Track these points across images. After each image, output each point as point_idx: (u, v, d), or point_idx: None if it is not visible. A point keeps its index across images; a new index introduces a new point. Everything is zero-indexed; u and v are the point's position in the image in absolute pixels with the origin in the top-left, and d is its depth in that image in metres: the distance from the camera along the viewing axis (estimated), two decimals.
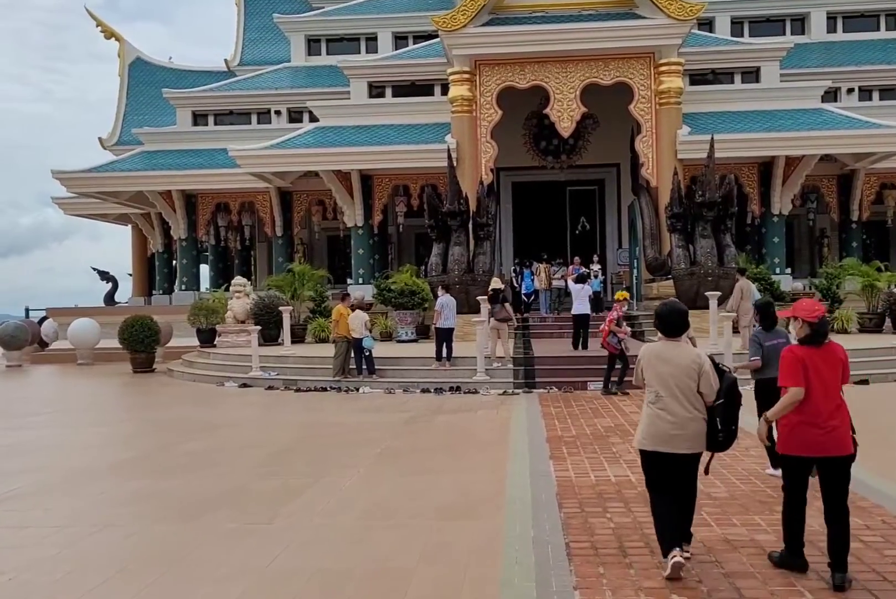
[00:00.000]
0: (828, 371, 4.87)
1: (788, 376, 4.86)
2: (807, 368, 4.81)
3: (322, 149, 25.85)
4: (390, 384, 15.66)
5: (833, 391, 4.89)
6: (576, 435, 10.00)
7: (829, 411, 4.85)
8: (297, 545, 5.87)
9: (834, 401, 4.88)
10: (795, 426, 4.86)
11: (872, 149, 24.55)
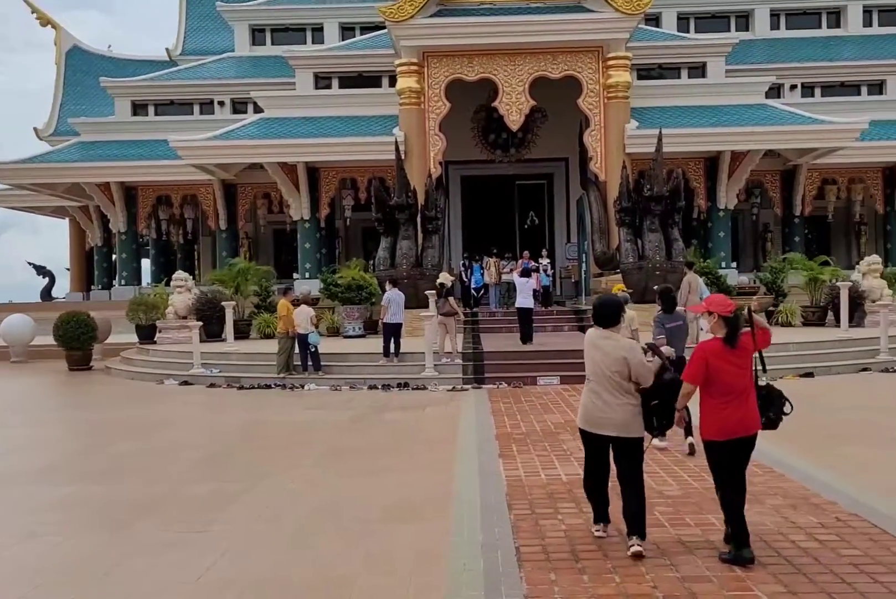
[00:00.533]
0: (738, 361, 5.17)
1: (688, 372, 5.24)
2: (710, 364, 5.13)
3: (267, 140, 25.30)
4: (336, 381, 15.30)
5: (743, 379, 5.20)
6: (525, 432, 9.79)
7: (744, 396, 5.18)
8: (233, 554, 5.54)
9: (745, 387, 5.20)
10: (717, 415, 5.17)
11: (815, 144, 24.82)
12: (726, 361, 5.15)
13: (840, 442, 8.79)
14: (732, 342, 5.16)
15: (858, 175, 28.80)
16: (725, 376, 5.13)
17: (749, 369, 5.26)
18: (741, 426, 5.19)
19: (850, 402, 12.13)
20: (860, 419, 10.40)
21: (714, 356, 5.15)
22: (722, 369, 5.13)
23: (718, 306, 5.28)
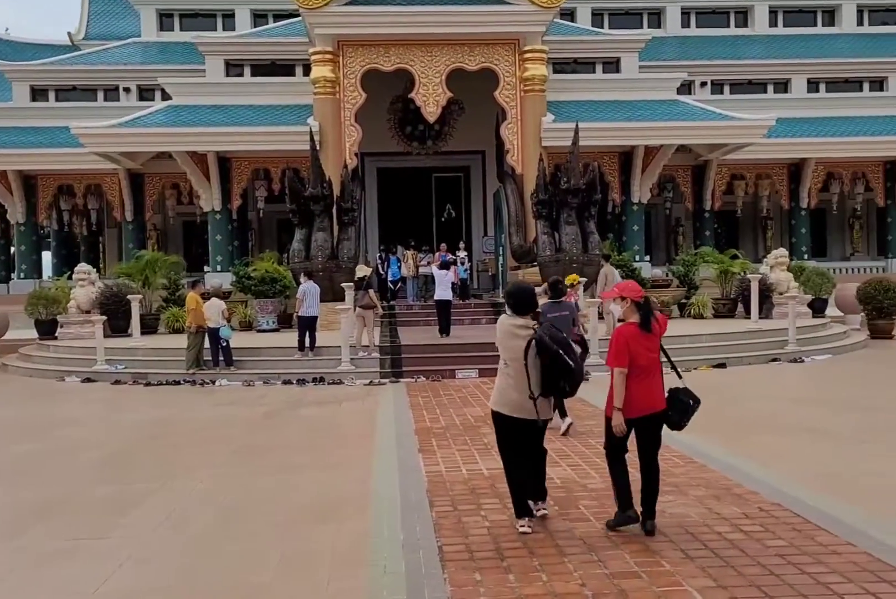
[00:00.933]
0: (649, 344, 5.45)
1: (614, 357, 5.43)
2: (631, 347, 5.37)
3: (175, 128, 24.41)
4: (249, 376, 14.81)
5: (654, 361, 5.48)
6: (445, 426, 9.58)
7: (653, 374, 5.45)
8: (135, 562, 5.16)
9: (654, 365, 5.47)
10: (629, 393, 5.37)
11: (725, 140, 25.35)
12: (640, 344, 5.40)
13: (756, 432, 8.85)
14: (647, 326, 5.42)
15: (765, 171, 29.56)
16: (640, 358, 5.37)
17: (657, 352, 5.51)
18: (648, 405, 5.42)
19: (763, 392, 12.32)
20: (773, 408, 10.54)
21: (632, 340, 5.39)
22: (637, 352, 5.37)
23: (631, 292, 5.53)
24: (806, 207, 29.49)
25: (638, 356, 5.36)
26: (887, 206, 29.85)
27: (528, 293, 5.67)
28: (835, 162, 29.24)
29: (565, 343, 5.49)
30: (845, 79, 31.16)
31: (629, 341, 5.39)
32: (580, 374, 5.55)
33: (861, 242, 31.91)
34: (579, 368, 5.54)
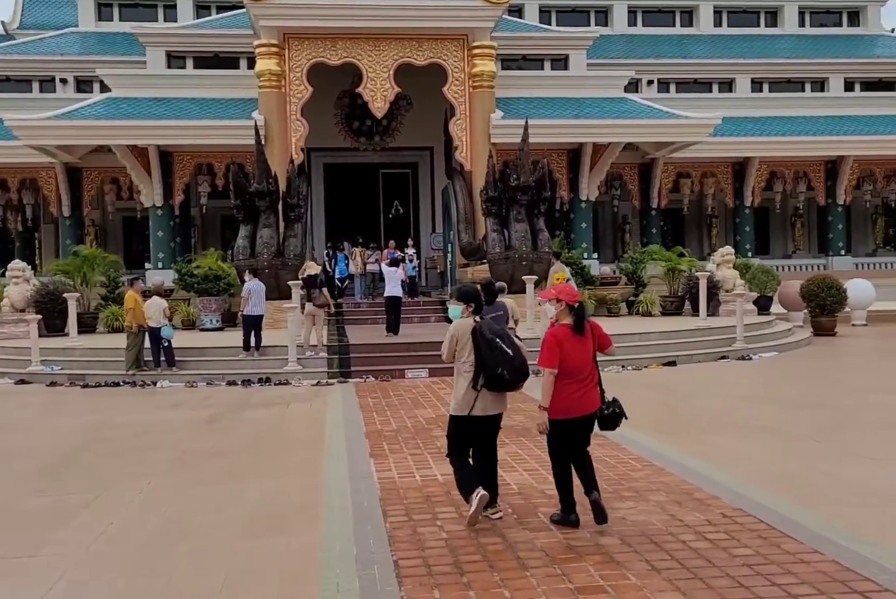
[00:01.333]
0: (582, 347, 5.57)
1: (546, 358, 5.49)
2: (564, 349, 5.48)
3: (115, 121, 23.65)
4: (192, 377, 14.35)
5: (587, 363, 5.59)
6: (396, 429, 9.33)
7: (587, 379, 5.56)
8: (67, 583, 4.81)
9: (588, 369, 5.59)
10: (561, 395, 5.49)
11: (673, 138, 25.48)
12: (573, 347, 5.52)
13: (710, 432, 8.77)
14: (580, 330, 5.55)
15: (711, 170, 29.84)
16: (572, 361, 5.49)
17: (589, 354, 5.61)
18: (581, 406, 5.53)
19: (713, 390, 12.31)
20: (724, 407, 10.50)
21: (564, 341, 5.51)
22: (569, 354, 5.49)
23: (567, 295, 5.66)
24: (750, 206, 29.85)
25: (570, 359, 5.47)
26: (828, 205, 30.35)
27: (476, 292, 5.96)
28: (778, 161, 29.66)
29: (503, 334, 5.63)
30: (788, 79, 31.63)
31: (561, 342, 5.48)
32: (523, 366, 5.60)
33: (803, 240, 32.42)
34: (521, 359, 5.59)
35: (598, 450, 7.77)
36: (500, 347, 5.51)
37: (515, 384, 5.66)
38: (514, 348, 5.62)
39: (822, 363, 15.70)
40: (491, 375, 5.50)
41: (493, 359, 5.50)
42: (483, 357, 5.54)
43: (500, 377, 5.52)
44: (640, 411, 10.07)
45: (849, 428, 8.81)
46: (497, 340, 5.56)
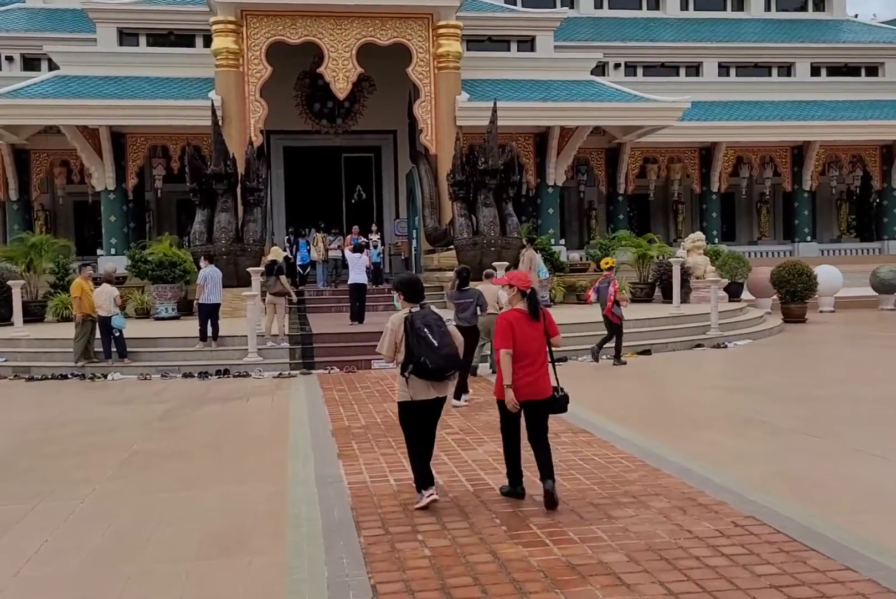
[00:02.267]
0: (534, 333, 5.76)
1: (500, 340, 5.74)
2: (515, 332, 5.69)
3: (63, 100, 22.55)
4: (146, 369, 13.56)
5: (538, 348, 5.77)
6: (366, 425, 8.70)
7: (537, 364, 5.74)
8: None
9: (540, 356, 5.76)
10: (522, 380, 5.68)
11: (641, 122, 25.04)
12: (525, 332, 5.72)
13: (700, 427, 8.27)
14: (535, 315, 5.78)
15: (677, 155, 29.54)
16: (525, 345, 5.69)
17: (541, 341, 5.79)
18: (532, 391, 5.70)
19: (694, 381, 11.86)
20: (710, 399, 10.03)
21: (516, 325, 5.72)
22: (522, 338, 5.69)
23: (519, 281, 5.92)
24: (717, 192, 29.61)
25: (522, 342, 5.67)
26: (794, 190, 30.21)
27: (418, 282, 6.05)
28: (745, 146, 29.43)
29: (433, 324, 5.70)
30: (755, 64, 31.40)
31: (514, 325, 5.72)
32: (450, 356, 5.66)
33: (768, 226, 32.29)
34: (448, 349, 5.66)
35: (587, 448, 7.24)
36: (426, 336, 5.61)
37: (442, 372, 5.68)
38: (443, 338, 5.68)
39: (798, 352, 15.36)
40: (416, 363, 5.61)
41: (418, 348, 5.61)
42: (410, 347, 5.66)
43: (423, 366, 5.59)
44: (624, 404, 9.59)
45: (840, 422, 8.36)
46: (424, 329, 5.64)
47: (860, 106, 29.86)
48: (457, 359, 5.77)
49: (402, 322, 5.71)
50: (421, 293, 5.92)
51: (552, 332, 5.86)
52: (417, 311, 5.77)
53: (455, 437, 7.92)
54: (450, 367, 5.69)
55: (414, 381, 5.66)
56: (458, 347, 5.79)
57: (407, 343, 5.65)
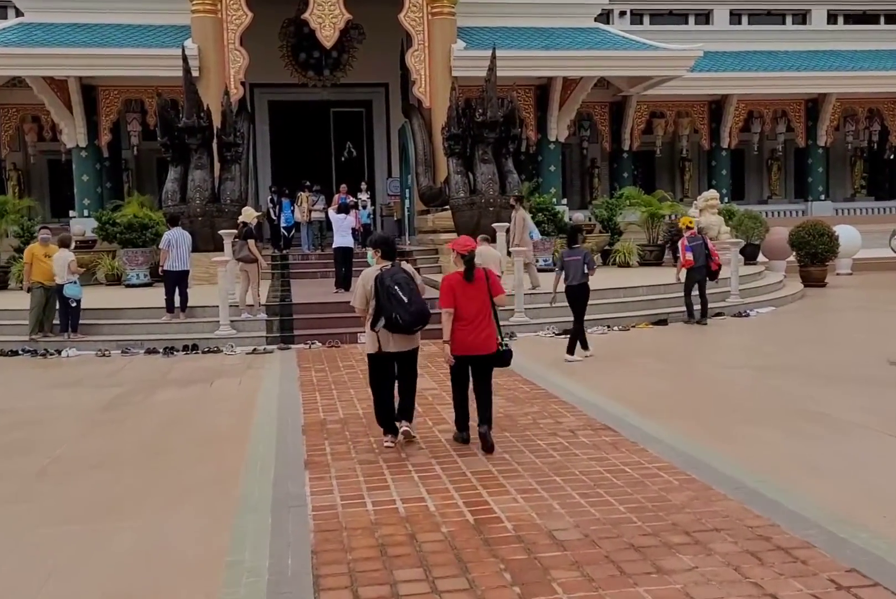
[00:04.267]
0: (475, 293, 6.16)
1: (441, 300, 6.20)
2: (456, 293, 6.15)
3: (27, 49, 20.74)
4: (106, 344, 12.14)
5: (480, 307, 6.16)
6: (344, 418, 7.31)
7: (478, 321, 6.14)
8: None
9: (481, 314, 6.16)
10: (457, 335, 6.13)
11: (650, 72, 23.30)
12: (464, 293, 6.14)
13: (745, 421, 6.88)
14: (469, 277, 6.15)
15: (686, 109, 27.86)
16: (463, 305, 6.11)
17: (482, 301, 6.17)
18: (472, 347, 6.13)
19: (721, 357, 10.48)
20: (745, 382, 8.65)
21: (456, 286, 6.16)
22: (460, 300, 6.12)
23: (458, 246, 6.29)
24: (727, 148, 27.96)
25: (460, 303, 6.10)
26: (808, 146, 28.59)
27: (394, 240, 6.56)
28: (757, 100, 27.74)
29: (402, 281, 6.02)
30: (768, 11, 29.53)
31: (453, 287, 6.17)
32: (419, 312, 5.98)
33: (779, 184, 30.68)
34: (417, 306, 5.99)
35: (612, 453, 5.87)
36: (396, 293, 5.92)
37: (411, 327, 6.05)
38: (412, 295, 6.00)
39: (829, 320, 13.99)
40: (387, 317, 5.96)
41: (389, 304, 5.92)
42: (381, 303, 6.00)
43: (394, 321, 5.94)
44: (646, 389, 8.19)
45: None
46: (395, 287, 5.96)
47: (879, 56, 28.09)
48: (425, 315, 6.08)
49: (374, 279, 6.03)
50: (395, 251, 6.36)
51: (495, 292, 6.24)
52: (388, 268, 6.08)
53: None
54: (418, 322, 6.03)
55: (384, 334, 6.06)
56: (424, 303, 6.11)
57: (377, 299, 5.99)
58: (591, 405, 7.49)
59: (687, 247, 13.34)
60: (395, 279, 5.97)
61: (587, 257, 10.27)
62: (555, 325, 12.75)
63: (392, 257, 6.22)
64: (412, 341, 6.19)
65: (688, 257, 13.20)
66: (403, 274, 6.08)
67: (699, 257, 13.29)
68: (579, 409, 7.32)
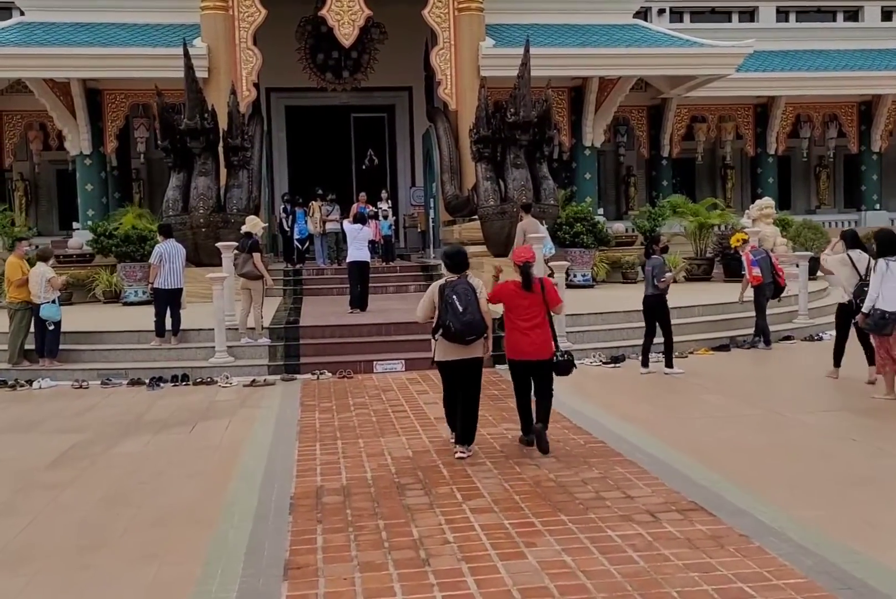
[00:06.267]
0: (531, 302, 6.51)
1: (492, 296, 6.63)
2: (510, 301, 6.56)
3: (28, 49, 19.41)
4: (86, 373, 10.55)
5: (535, 315, 6.50)
6: (346, 488, 5.60)
7: (533, 329, 6.46)
8: None
9: (536, 322, 6.49)
10: (512, 341, 6.58)
11: (695, 71, 21.52)
12: (518, 301, 6.51)
13: (880, 495, 5.13)
14: (527, 286, 6.51)
15: (729, 113, 26.10)
16: (518, 312, 6.50)
17: (538, 309, 6.50)
18: (529, 352, 6.45)
19: (812, 395, 8.66)
20: (855, 430, 6.88)
21: (511, 293, 6.56)
22: (514, 306, 6.53)
23: (515, 256, 6.72)
24: (773, 154, 26.13)
25: (515, 311, 6.51)
26: (860, 152, 26.68)
27: (459, 254, 6.55)
28: (805, 103, 25.90)
29: (461, 292, 6.20)
30: (818, 8, 27.67)
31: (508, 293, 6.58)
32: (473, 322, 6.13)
33: (828, 193, 28.77)
34: (472, 317, 6.13)
35: (719, 556, 4.14)
36: (452, 302, 6.16)
37: (463, 336, 6.17)
38: (468, 305, 6.15)
39: None
40: (443, 326, 6.20)
41: (445, 313, 6.19)
42: (440, 311, 6.26)
43: (448, 329, 6.17)
44: (730, 444, 6.40)
45: None
46: (453, 296, 6.18)
47: None
48: (476, 326, 6.16)
49: (438, 289, 6.32)
50: (460, 265, 6.43)
51: (552, 302, 6.53)
52: (453, 280, 6.34)
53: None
54: (470, 332, 6.15)
55: (442, 342, 6.25)
56: (483, 317, 6.21)
57: (438, 308, 6.23)
58: (667, 467, 5.78)
59: (753, 261, 11.70)
60: (455, 290, 6.22)
61: (655, 268, 9.89)
62: (602, 352, 11.05)
63: (458, 269, 6.42)
64: (468, 351, 6.27)
65: (755, 273, 11.52)
66: (465, 286, 6.28)
67: (766, 273, 11.69)
68: (653, 475, 5.60)
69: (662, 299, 10.08)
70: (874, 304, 7.98)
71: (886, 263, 8.10)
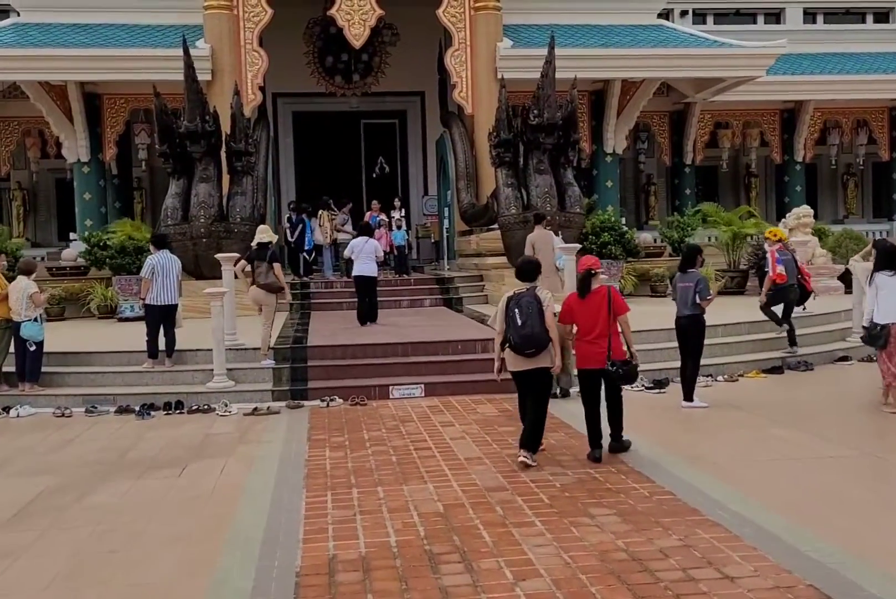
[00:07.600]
0: (592, 310, 6.59)
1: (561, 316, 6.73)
2: (574, 310, 6.70)
3: (22, 50, 18.47)
4: (70, 399, 9.44)
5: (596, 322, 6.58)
6: (366, 558, 4.49)
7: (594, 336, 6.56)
8: None
9: (597, 330, 6.56)
10: (578, 348, 6.70)
11: (723, 73, 20.46)
12: (579, 309, 6.67)
13: None
14: (582, 294, 6.68)
15: (754, 118, 25.01)
16: (580, 319, 6.66)
17: (600, 317, 6.55)
18: (592, 359, 6.57)
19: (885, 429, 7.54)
20: None
21: (573, 303, 6.72)
22: (577, 314, 6.68)
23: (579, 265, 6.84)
24: (801, 161, 25.02)
25: (579, 318, 6.65)
26: (892, 159, 25.55)
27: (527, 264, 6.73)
28: (834, 108, 24.81)
29: (523, 305, 6.30)
30: (846, 9, 26.64)
31: (571, 303, 6.74)
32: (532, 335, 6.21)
33: (855, 202, 27.64)
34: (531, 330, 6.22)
35: None
36: (514, 315, 6.30)
37: (522, 349, 6.29)
38: (529, 318, 6.24)
39: None
40: (506, 338, 6.38)
41: (508, 326, 6.36)
42: (506, 323, 6.39)
43: (509, 341, 6.35)
44: (829, 496, 5.25)
45: None
46: (515, 309, 6.31)
47: None
48: (535, 339, 6.24)
49: (505, 301, 6.51)
50: (528, 275, 6.59)
51: (618, 310, 6.59)
52: (520, 292, 6.47)
53: None
54: (528, 345, 6.26)
55: (508, 353, 6.44)
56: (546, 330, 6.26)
57: (504, 321, 6.41)
58: (762, 532, 4.64)
59: (777, 259, 10.82)
60: (519, 303, 6.33)
61: (700, 283, 8.63)
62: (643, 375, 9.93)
63: (525, 279, 6.55)
64: (533, 362, 6.35)
65: (779, 270, 10.62)
66: (530, 298, 6.34)
67: (791, 275, 10.95)
68: (749, 544, 4.47)
69: (701, 319, 8.77)
70: (871, 317, 8.27)
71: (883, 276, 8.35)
